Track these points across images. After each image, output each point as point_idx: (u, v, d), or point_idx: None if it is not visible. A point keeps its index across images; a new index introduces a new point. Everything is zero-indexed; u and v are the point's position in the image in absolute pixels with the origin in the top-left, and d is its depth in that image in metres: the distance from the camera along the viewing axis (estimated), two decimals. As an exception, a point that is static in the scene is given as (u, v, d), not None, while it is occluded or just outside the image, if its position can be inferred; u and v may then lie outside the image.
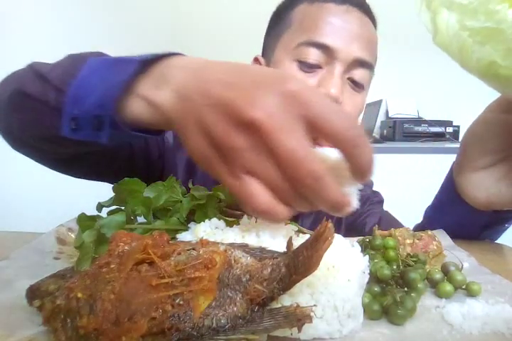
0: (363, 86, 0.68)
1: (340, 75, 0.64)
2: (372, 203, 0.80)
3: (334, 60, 0.64)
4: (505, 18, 0.26)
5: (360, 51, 0.65)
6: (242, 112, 0.28)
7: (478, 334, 0.32)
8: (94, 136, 0.39)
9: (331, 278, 0.33)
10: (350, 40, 0.64)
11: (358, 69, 0.66)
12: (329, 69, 0.64)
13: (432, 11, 0.30)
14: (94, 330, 0.26)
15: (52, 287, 0.31)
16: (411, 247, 0.46)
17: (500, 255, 0.53)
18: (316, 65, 0.64)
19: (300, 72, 0.65)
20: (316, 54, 0.64)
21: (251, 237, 0.39)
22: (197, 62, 0.35)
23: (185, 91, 0.32)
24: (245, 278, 0.30)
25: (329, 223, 0.29)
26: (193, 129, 0.32)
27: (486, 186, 0.48)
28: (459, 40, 0.28)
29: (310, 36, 0.64)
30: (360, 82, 0.66)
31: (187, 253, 0.30)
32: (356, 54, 0.64)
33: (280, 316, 0.28)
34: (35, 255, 0.47)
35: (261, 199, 0.30)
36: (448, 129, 2.35)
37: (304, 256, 0.29)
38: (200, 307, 0.27)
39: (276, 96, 0.29)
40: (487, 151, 0.48)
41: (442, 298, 0.38)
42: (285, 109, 0.28)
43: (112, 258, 0.30)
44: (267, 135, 0.28)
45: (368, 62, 0.66)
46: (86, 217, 0.44)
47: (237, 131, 0.29)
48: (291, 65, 0.66)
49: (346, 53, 0.64)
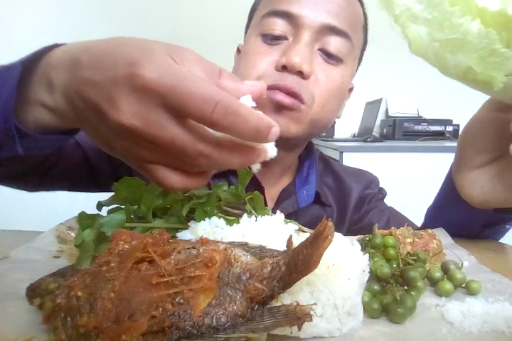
0: (340, 58, 0.61)
1: (307, 43, 0.58)
2: (378, 200, 0.78)
3: (300, 28, 0.58)
4: (470, 30, 0.27)
5: (330, 17, 0.59)
6: (109, 118, 0.29)
7: (477, 332, 0.32)
8: (8, 150, 0.38)
9: (331, 276, 0.33)
10: (315, 6, 0.59)
11: (329, 38, 0.59)
12: (295, 39, 0.59)
13: (401, 25, 0.31)
14: (94, 329, 0.26)
15: (53, 285, 0.31)
16: (411, 246, 0.46)
17: (500, 253, 0.53)
18: (281, 35, 0.59)
19: (263, 46, 0.60)
20: (280, 24, 0.59)
21: (251, 236, 0.39)
22: (71, 55, 0.33)
23: (68, 93, 0.32)
24: (245, 277, 0.30)
25: (329, 221, 0.29)
26: (87, 130, 0.33)
27: (480, 185, 0.48)
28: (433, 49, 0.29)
29: (272, 6, 0.60)
30: (335, 53, 0.60)
31: (187, 252, 0.30)
32: (324, 19, 0.58)
33: (280, 314, 0.28)
34: (36, 254, 0.47)
35: (172, 181, 0.31)
36: (448, 128, 2.35)
37: (304, 255, 0.29)
38: (200, 305, 0.27)
39: (132, 93, 0.28)
40: (481, 150, 0.48)
41: (442, 296, 0.39)
42: (144, 104, 0.28)
43: (112, 256, 0.30)
44: (140, 134, 0.29)
45: (340, 29, 0.59)
46: (86, 215, 0.44)
47: (117, 132, 0.30)
48: (256, 39, 0.61)
49: (312, 19, 0.58)
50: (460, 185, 0.50)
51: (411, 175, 1.91)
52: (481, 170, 0.48)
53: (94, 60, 0.31)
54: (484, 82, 0.29)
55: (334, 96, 0.62)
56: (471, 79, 0.30)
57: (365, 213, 0.76)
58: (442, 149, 1.98)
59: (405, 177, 1.88)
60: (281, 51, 0.59)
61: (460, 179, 0.51)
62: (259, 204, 0.47)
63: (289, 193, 0.70)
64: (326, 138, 2.79)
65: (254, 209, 0.47)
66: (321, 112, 0.61)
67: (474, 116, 0.48)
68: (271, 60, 0.59)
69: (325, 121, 0.64)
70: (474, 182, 0.48)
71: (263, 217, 0.43)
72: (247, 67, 0.61)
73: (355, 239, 0.43)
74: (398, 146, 2.09)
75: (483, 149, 0.47)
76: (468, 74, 0.29)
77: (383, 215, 0.75)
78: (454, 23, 0.27)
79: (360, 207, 0.76)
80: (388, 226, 0.72)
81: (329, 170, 0.79)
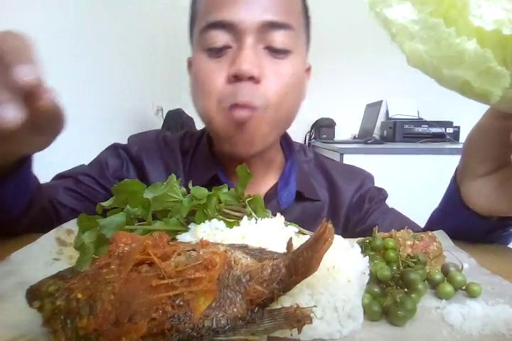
0: (287, 50, 0.61)
1: (250, 47, 0.58)
2: (379, 200, 0.78)
3: (240, 33, 0.58)
4: (466, 49, 0.27)
5: (266, 13, 0.58)
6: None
7: (478, 335, 0.32)
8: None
9: (331, 278, 0.33)
10: (249, 7, 0.57)
11: (272, 34, 0.59)
12: (238, 45, 0.58)
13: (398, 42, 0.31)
14: (94, 331, 0.26)
15: (52, 288, 0.31)
16: (411, 248, 0.46)
17: (501, 256, 0.53)
18: (224, 46, 0.59)
19: (210, 61, 0.60)
20: (220, 35, 0.59)
21: (251, 238, 0.39)
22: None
23: None
24: (245, 279, 0.30)
25: (329, 224, 0.29)
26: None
27: (485, 194, 0.47)
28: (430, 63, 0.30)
29: (207, 19, 0.59)
30: (281, 47, 0.60)
31: (187, 254, 0.30)
32: (260, 18, 0.57)
33: (280, 317, 0.28)
34: (35, 256, 0.47)
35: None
36: (448, 130, 2.36)
37: (304, 257, 0.29)
38: (200, 308, 0.27)
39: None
40: (484, 159, 0.47)
41: (442, 298, 0.38)
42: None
43: (111, 259, 0.30)
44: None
45: (281, 22, 0.59)
46: (86, 217, 0.44)
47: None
48: (202, 56, 0.61)
49: (249, 21, 0.57)
50: (465, 193, 0.50)
51: (411, 176, 1.91)
52: (485, 179, 0.47)
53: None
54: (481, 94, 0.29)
55: (290, 89, 0.62)
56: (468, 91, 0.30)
57: (366, 213, 0.76)
58: (442, 151, 1.98)
59: (406, 179, 1.89)
60: (228, 61, 0.59)
61: (465, 187, 0.50)
62: (260, 206, 0.47)
63: (270, 197, 0.71)
64: (327, 140, 2.80)
65: (255, 212, 0.47)
66: (280, 109, 0.62)
67: (477, 124, 0.47)
68: (222, 75, 0.59)
69: (288, 113, 0.65)
70: (479, 191, 0.48)
71: (263, 220, 0.43)
72: (203, 90, 0.62)
73: (355, 241, 0.43)
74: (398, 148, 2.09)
75: (487, 158, 0.47)
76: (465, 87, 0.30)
77: (386, 217, 0.75)
78: (451, 42, 0.28)
79: (361, 207, 0.76)
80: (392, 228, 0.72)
81: (320, 168, 0.80)
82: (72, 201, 0.68)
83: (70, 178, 0.71)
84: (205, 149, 0.74)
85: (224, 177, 0.70)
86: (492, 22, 0.27)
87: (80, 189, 0.70)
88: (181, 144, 0.77)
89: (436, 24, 0.28)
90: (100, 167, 0.73)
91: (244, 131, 0.61)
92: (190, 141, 0.78)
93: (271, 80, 0.60)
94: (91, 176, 0.71)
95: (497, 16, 0.27)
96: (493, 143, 0.46)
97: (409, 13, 0.29)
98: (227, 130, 0.62)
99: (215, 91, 0.60)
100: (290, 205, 0.71)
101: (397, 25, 0.30)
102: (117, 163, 0.73)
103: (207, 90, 0.61)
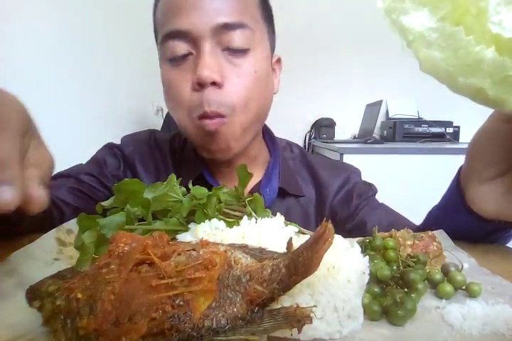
0: (246, 48, 0.61)
1: (209, 52, 0.58)
2: (368, 197, 0.78)
3: (196, 40, 0.58)
4: (484, 58, 0.27)
5: (219, 15, 0.58)
6: None
7: (478, 334, 0.32)
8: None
9: (331, 278, 0.33)
10: (200, 12, 0.58)
11: (227, 35, 0.59)
12: (197, 52, 0.59)
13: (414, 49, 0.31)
14: (94, 331, 0.25)
15: (52, 288, 0.31)
16: (411, 248, 0.46)
17: (501, 256, 0.53)
18: (184, 54, 0.60)
19: (174, 70, 0.61)
20: (178, 44, 0.59)
21: (251, 238, 0.39)
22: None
23: None
24: (245, 279, 0.30)
25: (329, 224, 0.29)
26: None
27: (493, 198, 0.46)
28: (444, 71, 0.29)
29: (163, 30, 0.60)
30: (238, 47, 0.60)
31: (187, 254, 0.30)
32: (214, 21, 0.58)
33: (280, 317, 0.28)
34: (35, 256, 0.46)
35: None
36: (448, 130, 2.36)
37: (304, 257, 0.29)
38: (200, 307, 0.27)
39: None
40: (490, 162, 0.46)
41: (442, 298, 0.38)
42: None
43: (111, 258, 0.30)
44: None
45: (235, 23, 0.59)
46: (86, 217, 0.44)
47: None
48: (165, 66, 0.63)
49: (202, 26, 0.57)
50: (471, 198, 0.49)
51: (411, 176, 1.91)
52: (493, 183, 0.46)
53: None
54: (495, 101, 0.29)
55: (253, 89, 0.63)
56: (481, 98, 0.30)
57: (356, 209, 0.76)
58: (443, 151, 1.98)
59: (405, 179, 1.89)
60: (190, 69, 0.60)
61: (470, 191, 0.49)
62: (260, 206, 0.47)
63: None
64: (327, 139, 2.80)
65: (255, 211, 0.47)
66: (249, 109, 0.63)
67: (482, 127, 0.46)
68: (186, 84, 0.61)
69: (258, 110, 0.65)
70: (486, 196, 0.47)
71: (263, 219, 0.43)
72: (173, 100, 0.63)
73: (355, 241, 0.43)
74: (398, 148, 2.09)
75: (493, 161, 0.46)
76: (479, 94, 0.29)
77: (375, 213, 0.75)
78: (470, 51, 0.27)
79: (349, 203, 0.77)
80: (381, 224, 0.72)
81: (305, 164, 0.81)
82: (76, 200, 0.69)
83: (71, 178, 0.71)
84: (191, 150, 0.75)
85: (210, 176, 0.71)
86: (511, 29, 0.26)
87: (83, 188, 0.71)
88: (171, 145, 0.79)
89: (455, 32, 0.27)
90: (99, 165, 0.74)
91: (218, 139, 0.62)
92: (179, 141, 0.80)
93: (234, 82, 0.61)
94: (91, 175, 0.72)
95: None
96: (500, 147, 0.45)
97: (426, 20, 0.29)
98: (201, 139, 0.63)
99: (184, 101, 0.61)
100: (273, 201, 0.72)
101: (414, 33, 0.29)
102: (114, 162, 0.75)
103: (176, 100, 0.63)
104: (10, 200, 0.26)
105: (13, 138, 0.28)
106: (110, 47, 1.96)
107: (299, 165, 0.81)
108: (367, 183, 0.82)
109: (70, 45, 1.60)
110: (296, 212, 0.75)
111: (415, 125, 2.37)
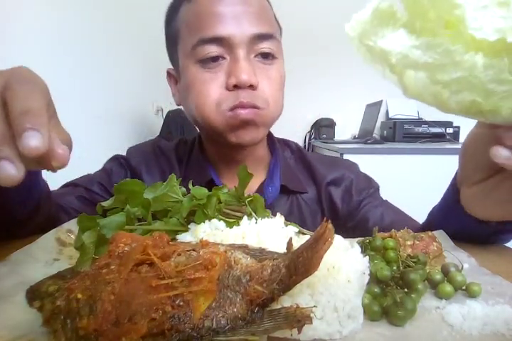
0: (274, 56, 0.68)
1: (245, 58, 0.64)
2: (370, 194, 0.79)
3: (233, 47, 0.64)
4: (475, 65, 0.26)
5: (254, 27, 0.64)
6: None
7: (478, 334, 0.32)
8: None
9: (331, 278, 0.33)
10: (237, 22, 0.64)
11: (260, 44, 0.66)
12: (232, 57, 0.64)
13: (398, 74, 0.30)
14: (94, 331, 0.26)
15: (52, 288, 0.31)
16: (411, 248, 0.46)
17: (501, 256, 0.53)
18: (218, 56, 0.65)
19: (205, 72, 0.65)
20: (213, 48, 0.64)
21: (251, 238, 0.39)
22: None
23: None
24: (245, 279, 0.30)
25: (329, 224, 0.29)
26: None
27: (480, 199, 0.47)
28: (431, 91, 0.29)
29: (199, 35, 0.64)
30: (269, 54, 0.67)
31: (187, 254, 0.30)
32: (250, 32, 0.64)
33: (280, 317, 0.28)
34: (35, 256, 0.47)
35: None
36: (448, 130, 2.35)
37: (304, 257, 0.29)
38: (200, 308, 0.27)
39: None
40: (478, 166, 0.47)
41: (442, 298, 0.38)
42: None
43: (111, 259, 0.30)
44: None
45: (267, 34, 0.66)
46: (86, 217, 0.44)
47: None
48: (195, 68, 0.66)
49: (240, 35, 0.63)
50: (463, 200, 0.51)
51: (411, 176, 1.91)
52: (479, 185, 0.47)
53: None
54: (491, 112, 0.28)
55: (280, 90, 0.70)
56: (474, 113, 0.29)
57: (357, 206, 0.77)
58: (442, 151, 1.98)
59: (406, 179, 1.88)
60: (224, 71, 0.65)
61: (463, 193, 0.51)
62: (260, 206, 0.47)
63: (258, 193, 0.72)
64: (327, 139, 2.80)
65: (255, 212, 0.47)
66: (277, 109, 0.70)
67: (470, 133, 0.47)
68: (219, 83, 0.65)
69: (280, 111, 0.72)
70: (474, 198, 0.48)
71: (263, 220, 0.43)
72: (200, 97, 0.66)
73: (355, 241, 0.43)
74: (398, 148, 2.09)
75: (480, 165, 0.46)
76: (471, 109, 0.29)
77: (377, 211, 0.76)
78: (458, 60, 0.27)
79: (350, 199, 0.78)
80: (383, 222, 0.72)
81: (302, 160, 0.83)
82: (84, 207, 0.71)
83: (80, 187, 0.75)
84: (197, 155, 0.78)
85: (218, 180, 0.74)
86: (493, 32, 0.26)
87: (91, 196, 0.74)
88: (176, 152, 0.81)
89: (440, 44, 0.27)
90: (107, 175, 0.77)
91: (250, 127, 0.67)
92: (184, 148, 0.82)
93: (265, 85, 0.67)
94: (99, 184, 0.76)
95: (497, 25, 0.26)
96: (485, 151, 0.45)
97: (406, 39, 0.28)
98: (230, 129, 0.67)
99: (213, 96, 0.65)
100: (277, 199, 0.74)
101: (396, 55, 0.29)
102: (121, 172, 0.78)
103: (204, 96, 0.66)
104: (37, 146, 0.27)
105: (44, 98, 0.31)
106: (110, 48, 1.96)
107: (298, 163, 0.83)
108: (366, 178, 0.83)
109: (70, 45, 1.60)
110: (302, 209, 0.76)
111: (415, 125, 2.37)
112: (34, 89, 0.31)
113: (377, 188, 0.82)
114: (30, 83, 0.31)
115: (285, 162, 0.80)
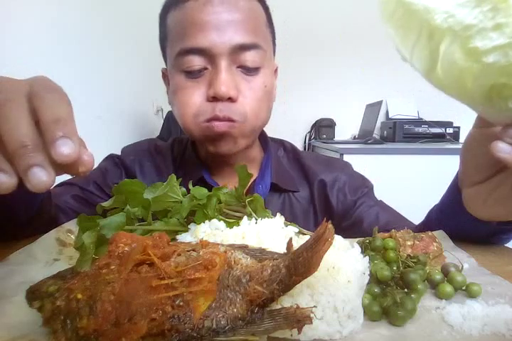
0: (258, 67, 0.66)
1: (226, 69, 0.63)
2: (364, 194, 0.79)
3: (214, 57, 0.63)
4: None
5: (237, 36, 0.63)
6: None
7: (478, 335, 0.32)
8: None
9: (331, 279, 0.33)
10: (220, 31, 0.62)
11: (243, 55, 0.64)
12: (214, 68, 0.64)
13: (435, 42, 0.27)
14: (94, 331, 0.26)
15: (52, 288, 0.31)
16: (411, 248, 0.46)
17: (501, 256, 0.52)
18: (200, 68, 0.64)
19: (188, 82, 0.65)
20: (196, 59, 0.63)
21: (251, 238, 0.39)
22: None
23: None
24: (245, 279, 0.30)
25: (329, 224, 0.29)
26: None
27: (482, 199, 0.47)
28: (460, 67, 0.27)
29: (181, 45, 0.64)
30: (252, 66, 0.65)
31: (187, 255, 0.30)
32: (232, 42, 0.62)
33: (280, 317, 0.28)
34: (35, 256, 0.47)
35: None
36: (448, 130, 2.35)
37: (304, 257, 0.29)
38: (200, 308, 0.27)
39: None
40: (479, 166, 0.46)
41: (442, 299, 0.38)
42: None
43: (111, 259, 0.30)
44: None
45: (250, 44, 0.64)
46: (86, 218, 0.44)
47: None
48: (179, 76, 0.66)
49: (222, 46, 0.62)
50: (465, 200, 0.50)
51: (411, 177, 1.91)
52: (481, 185, 0.47)
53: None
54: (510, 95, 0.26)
55: (263, 101, 0.68)
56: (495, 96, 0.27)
57: (352, 206, 0.77)
58: (443, 151, 1.98)
59: (406, 179, 1.89)
60: (206, 82, 0.64)
61: (464, 193, 0.50)
62: (260, 206, 0.47)
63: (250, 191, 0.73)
64: (327, 140, 2.80)
65: (255, 212, 0.47)
66: (257, 119, 0.68)
67: (469, 133, 0.47)
68: (201, 93, 0.65)
69: (263, 120, 0.71)
70: (476, 198, 0.48)
71: (263, 220, 0.43)
72: (181, 106, 0.67)
73: (356, 241, 0.43)
74: (398, 148, 2.09)
75: (481, 165, 0.46)
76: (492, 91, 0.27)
77: (371, 211, 0.76)
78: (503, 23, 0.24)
79: (344, 200, 0.78)
80: (378, 222, 0.72)
81: (295, 159, 0.83)
82: (79, 206, 0.72)
83: (75, 186, 0.75)
84: (190, 153, 0.79)
85: (209, 178, 0.74)
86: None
87: (86, 195, 0.74)
88: (172, 151, 0.82)
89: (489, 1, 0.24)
90: (102, 175, 0.77)
91: (225, 139, 0.67)
92: (178, 147, 0.83)
93: (246, 97, 0.66)
94: (94, 183, 0.76)
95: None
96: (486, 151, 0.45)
97: None
98: (205, 139, 0.67)
99: (193, 107, 0.65)
100: (268, 197, 0.74)
101: (441, 13, 0.26)
102: (115, 171, 0.78)
103: (184, 106, 0.66)
104: (70, 153, 0.28)
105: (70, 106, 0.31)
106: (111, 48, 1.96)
107: (292, 162, 0.83)
108: (360, 177, 0.83)
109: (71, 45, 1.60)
110: (294, 207, 0.77)
111: (415, 125, 2.37)
112: (61, 97, 0.31)
113: (372, 187, 0.82)
114: (56, 91, 0.32)
115: (277, 160, 0.80)
